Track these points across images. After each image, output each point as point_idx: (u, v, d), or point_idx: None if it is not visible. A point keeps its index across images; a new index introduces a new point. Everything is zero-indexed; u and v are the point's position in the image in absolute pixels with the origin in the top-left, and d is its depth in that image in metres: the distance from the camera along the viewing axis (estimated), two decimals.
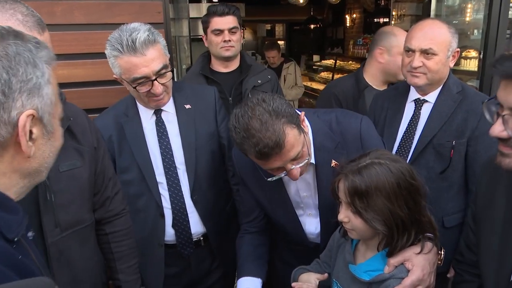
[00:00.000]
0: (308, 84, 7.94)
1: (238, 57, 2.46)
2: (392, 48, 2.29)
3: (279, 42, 9.35)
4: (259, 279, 1.55)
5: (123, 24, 1.58)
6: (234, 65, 2.45)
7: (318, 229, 1.60)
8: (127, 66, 1.55)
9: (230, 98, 2.37)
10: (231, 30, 2.33)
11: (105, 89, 2.06)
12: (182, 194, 1.76)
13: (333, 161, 1.34)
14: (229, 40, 2.33)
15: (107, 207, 1.46)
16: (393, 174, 1.14)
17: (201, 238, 1.84)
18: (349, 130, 1.48)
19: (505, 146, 0.96)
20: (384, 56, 2.32)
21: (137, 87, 1.58)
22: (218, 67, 2.44)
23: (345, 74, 5.38)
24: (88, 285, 1.35)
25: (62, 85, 1.51)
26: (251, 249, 1.64)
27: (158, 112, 1.74)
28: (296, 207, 1.59)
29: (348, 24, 9.12)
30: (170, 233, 1.78)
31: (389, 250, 1.20)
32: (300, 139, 1.32)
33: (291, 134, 1.27)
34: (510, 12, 4.18)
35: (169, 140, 1.74)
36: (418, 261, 1.18)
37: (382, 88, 2.33)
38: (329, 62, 8.33)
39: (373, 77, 2.39)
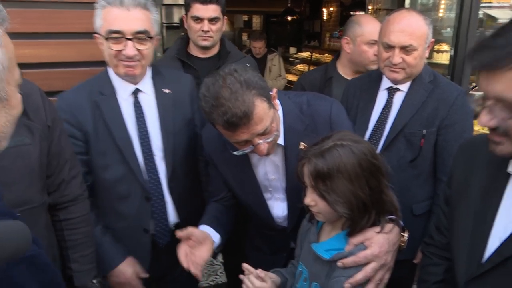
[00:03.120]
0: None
1: (218, 43, 2.39)
2: (356, 38, 2.27)
3: None
4: (218, 235, 1.56)
5: (92, 4, 1.52)
6: (213, 51, 2.37)
7: (285, 213, 1.59)
8: (107, 17, 1.51)
9: None
10: (212, 20, 2.24)
11: (71, 71, 1.97)
12: (160, 182, 1.70)
13: (301, 143, 1.33)
14: (208, 31, 2.24)
15: (62, 191, 1.39)
16: (355, 154, 1.15)
17: (174, 228, 1.77)
18: (319, 113, 1.48)
19: (495, 134, 0.96)
20: (350, 46, 2.31)
21: (110, 43, 1.52)
22: (196, 52, 2.36)
23: None
24: None
25: (24, 65, 1.44)
26: (216, 217, 1.63)
27: (136, 93, 1.67)
28: (265, 191, 1.58)
29: (325, 17, 9.16)
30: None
31: (350, 230, 1.22)
32: (269, 113, 1.31)
33: (260, 106, 1.26)
34: (480, 12, 4.31)
35: (146, 125, 1.67)
36: (377, 239, 1.19)
37: (350, 76, 2.33)
38: (306, 54, 8.37)
39: (344, 67, 2.40)
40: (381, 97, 1.90)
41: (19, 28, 1.90)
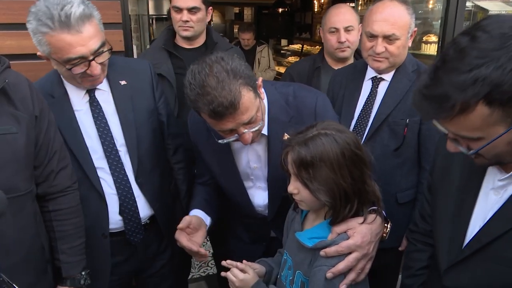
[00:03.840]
0: (276, 68, 7.93)
1: (204, 34, 2.39)
2: (324, 27, 2.39)
3: None
4: (209, 217, 1.61)
5: None
6: (199, 41, 2.38)
7: (266, 202, 1.61)
8: (59, 45, 1.36)
9: None
10: (191, 10, 2.22)
11: None
12: (128, 179, 1.64)
13: (285, 134, 1.35)
14: (188, 21, 2.23)
15: (51, 182, 1.39)
16: (338, 144, 1.16)
17: (148, 221, 1.75)
18: (305, 105, 1.49)
19: (469, 154, 0.98)
20: (322, 36, 2.43)
21: (71, 69, 1.42)
22: (182, 43, 2.36)
23: None
24: (19, 257, 1.27)
25: (10, 57, 1.43)
26: (206, 199, 1.67)
27: (91, 91, 1.58)
28: (246, 179, 1.59)
29: (316, 9, 9.13)
30: (115, 220, 1.65)
31: (332, 219, 1.23)
32: (255, 103, 1.31)
33: (246, 96, 1.26)
34: (471, 4, 4.32)
35: (106, 121, 1.59)
36: (360, 229, 1.21)
37: (338, 67, 2.37)
38: (297, 46, 8.34)
39: (327, 57, 2.47)
40: (366, 87, 1.93)
41: (4, 19, 1.89)
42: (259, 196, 1.62)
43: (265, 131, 1.48)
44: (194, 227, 1.51)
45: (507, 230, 0.97)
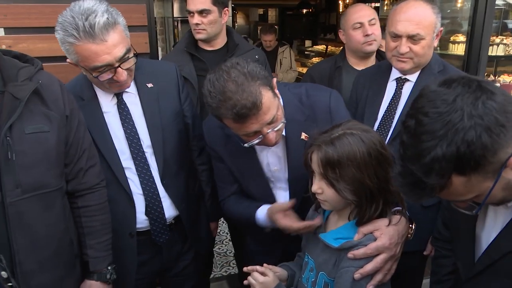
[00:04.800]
0: (299, 69, 7.89)
1: (224, 35, 2.40)
2: (345, 26, 2.38)
3: None
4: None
5: None
6: (220, 43, 2.39)
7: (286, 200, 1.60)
8: (85, 54, 1.40)
9: None
10: (201, 13, 2.23)
11: None
12: (154, 180, 1.67)
13: (303, 133, 1.35)
14: (199, 23, 2.24)
15: (80, 179, 1.44)
16: (365, 143, 1.16)
17: (173, 222, 1.77)
18: (319, 103, 1.50)
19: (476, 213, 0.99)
20: (344, 36, 2.42)
21: (98, 76, 1.46)
22: (203, 45, 2.38)
23: None
24: (49, 252, 1.32)
25: (41, 59, 1.49)
26: (245, 205, 1.65)
27: (119, 94, 1.62)
28: (267, 181, 1.60)
29: (341, 10, 9.04)
30: (141, 220, 1.68)
31: (358, 219, 1.23)
32: (275, 102, 1.33)
33: (266, 96, 1.28)
34: (501, 2, 4.19)
35: (133, 123, 1.63)
36: (387, 230, 1.20)
37: (360, 67, 2.36)
38: (321, 47, 8.28)
39: (349, 57, 2.46)
40: (390, 88, 1.90)
41: (36, 23, 1.97)
42: (280, 196, 1.62)
43: (283, 132, 1.48)
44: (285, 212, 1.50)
45: None
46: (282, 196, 1.62)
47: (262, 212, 1.56)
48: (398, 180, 0.93)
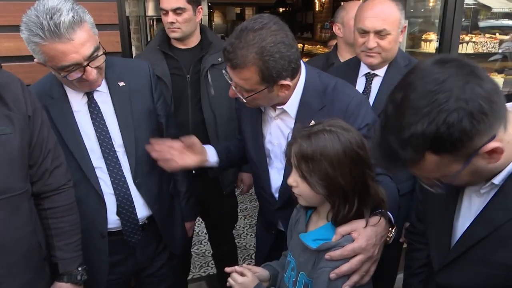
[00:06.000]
0: None
1: (198, 33, 2.38)
2: (344, 20, 2.46)
3: None
4: (217, 158, 1.73)
5: None
6: (193, 41, 2.37)
7: (279, 184, 1.61)
8: (52, 54, 1.36)
9: (188, 76, 2.30)
10: (176, 11, 2.20)
11: None
12: (125, 179, 1.64)
13: (313, 121, 1.35)
14: (173, 22, 2.22)
15: (46, 181, 1.40)
16: (341, 142, 1.17)
17: (146, 222, 1.75)
18: (339, 101, 1.48)
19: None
20: (341, 30, 2.49)
21: (67, 76, 1.42)
22: (177, 43, 2.36)
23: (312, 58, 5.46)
24: (17, 256, 1.29)
25: (7, 59, 1.44)
26: (228, 147, 1.81)
27: (89, 93, 1.59)
28: (267, 154, 1.63)
29: (317, 9, 9.13)
30: (113, 220, 1.65)
31: (333, 218, 1.23)
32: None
33: (253, 68, 1.34)
34: (473, 2, 4.29)
35: (104, 122, 1.60)
36: (365, 231, 1.20)
37: None
38: (298, 46, 8.34)
39: (343, 53, 2.51)
40: (360, 83, 1.95)
41: (1, 21, 1.90)
42: (274, 176, 1.63)
43: (293, 113, 1.50)
44: (189, 146, 1.63)
45: (490, 233, 0.98)
46: (276, 178, 1.62)
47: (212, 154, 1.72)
48: (375, 150, 0.96)
